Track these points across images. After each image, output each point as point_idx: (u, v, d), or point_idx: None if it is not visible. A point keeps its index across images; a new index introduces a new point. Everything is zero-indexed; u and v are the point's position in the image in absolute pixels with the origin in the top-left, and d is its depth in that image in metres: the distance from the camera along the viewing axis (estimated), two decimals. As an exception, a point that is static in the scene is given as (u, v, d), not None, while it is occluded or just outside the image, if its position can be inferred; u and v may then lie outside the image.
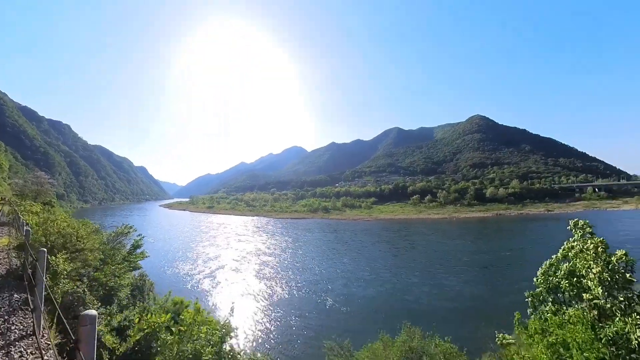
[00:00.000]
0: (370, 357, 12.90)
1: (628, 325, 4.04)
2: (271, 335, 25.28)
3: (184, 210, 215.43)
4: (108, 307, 14.26)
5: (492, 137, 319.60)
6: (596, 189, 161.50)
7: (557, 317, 4.84)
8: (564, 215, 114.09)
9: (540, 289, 6.26)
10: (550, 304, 5.88)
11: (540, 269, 6.40)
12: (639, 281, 5.01)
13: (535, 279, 6.65)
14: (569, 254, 6.16)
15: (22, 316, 4.72)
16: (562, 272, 5.90)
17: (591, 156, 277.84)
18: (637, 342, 3.79)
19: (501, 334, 18.48)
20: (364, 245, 68.99)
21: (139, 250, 22.39)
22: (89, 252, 15.56)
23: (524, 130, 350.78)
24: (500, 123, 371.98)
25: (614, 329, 4.00)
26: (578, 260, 5.71)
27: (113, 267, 17.10)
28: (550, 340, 4.21)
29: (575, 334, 4.01)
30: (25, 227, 10.17)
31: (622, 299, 4.87)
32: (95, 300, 13.34)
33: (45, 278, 3.12)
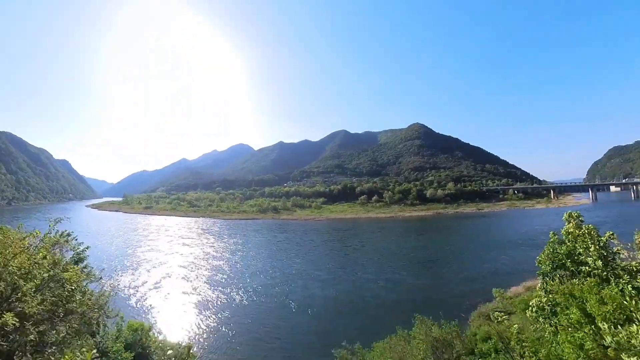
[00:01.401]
0: (390, 355, 13.31)
1: (621, 284, 5.39)
2: (237, 347, 23.99)
3: (116, 211, 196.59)
4: (49, 348, 11.33)
5: (430, 144, 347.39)
6: (515, 191, 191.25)
7: (569, 285, 6.03)
8: (492, 213, 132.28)
9: (544, 266, 7.48)
10: (557, 278, 7.10)
11: (542, 252, 7.66)
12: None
13: (537, 260, 7.89)
14: (566, 238, 7.42)
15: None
16: (562, 252, 7.16)
17: (511, 164, 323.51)
18: (629, 294, 5.03)
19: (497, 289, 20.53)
20: (317, 245, 69.80)
21: (81, 265, 19.20)
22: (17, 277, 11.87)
23: (457, 139, 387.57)
24: (436, 131, 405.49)
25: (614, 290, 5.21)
26: (577, 242, 6.98)
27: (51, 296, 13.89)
28: (576, 295, 5.46)
29: (590, 293, 5.20)
30: None
31: (614, 267, 6.40)
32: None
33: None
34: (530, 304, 7.17)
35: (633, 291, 4.93)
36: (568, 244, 7.16)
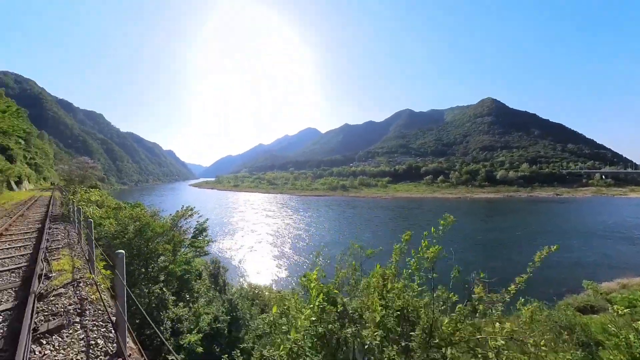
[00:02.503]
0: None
1: None
2: None
3: (212, 188, 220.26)
4: (192, 305, 13.70)
5: (502, 121, 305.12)
6: (603, 176, 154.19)
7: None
8: (572, 199, 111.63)
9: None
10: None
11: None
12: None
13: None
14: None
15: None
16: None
17: (599, 143, 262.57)
18: None
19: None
20: (384, 221, 69.02)
21: (203, 234, 22.35)
22: (160, 245, 14.37)
23: (534, 114, 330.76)
24: (511, 107, 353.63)
25: None
26: None
27: (182, 255, 15.84)
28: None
29: None
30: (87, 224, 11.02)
31: None
32: (171, 298, 12.46)
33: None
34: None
35: None
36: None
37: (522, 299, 4.24)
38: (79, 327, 3.85)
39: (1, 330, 3.81)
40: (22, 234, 10.70)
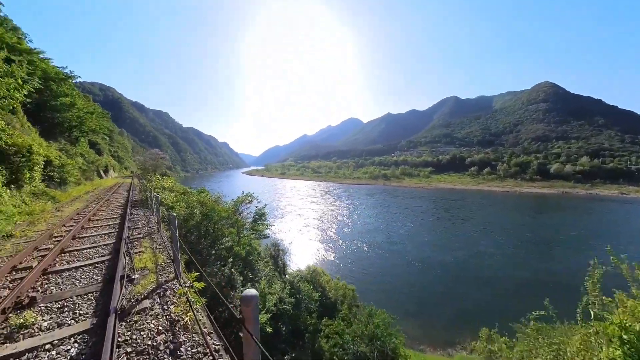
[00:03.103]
0: None
1: None
2: (377, 293, 24.05)
3: (261, 176, 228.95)
4: (257, 285, 14.77)
5: (560, 108, 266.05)
6: None
7: None
8: None
9: None
10: None
11: None
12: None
13: None
14: None
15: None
16: None
17: None
18: None
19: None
20: (425, 211, 65.39)
21: (260, 219, 23.51)
22: (225, 228, 14.97)
23: (599, 100, 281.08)
24: (571, 92, 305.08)
25: None
26: None
27: (245, 238, 15.76)
28: None
29: None
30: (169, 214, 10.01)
31: None
32: (239, 278, 12.13)
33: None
34: None
35: None
36: None
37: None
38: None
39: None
40: (107, 219, 11.06)
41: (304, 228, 47.30)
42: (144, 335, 3.30)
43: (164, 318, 3.69)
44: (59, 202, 17.04)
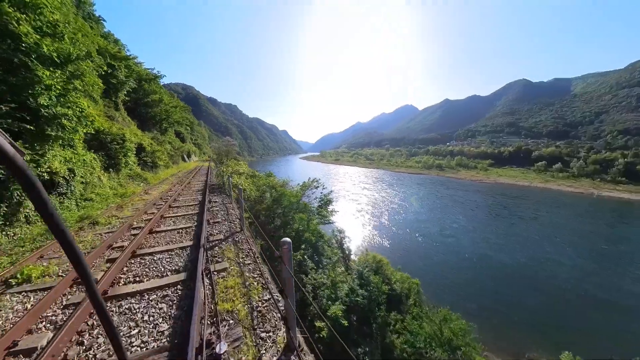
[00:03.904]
0: None
1: None
2: (439, 288, 21.16)
3: (317, 161, 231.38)
4: (327, 272, 11.97)
5: None
6: None
7: None
8: None
9: None
10: None
11: None
12: None
13: None
14: None
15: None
16: None
17: None
18: None
19: None
20: (480, 206, 56.07)
21: (326, 206, 21.90)
22: (295, 214, 14.16)
23: None
24: None
25: None
26: None
27: (313, 225, 14.76)
28: None
29: None
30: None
31: None
32: (310, 264, 11.50)
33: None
34: None
35: None
36: None
37: None
38: None
39: None
40: (186, 206, 9.81)
41: (357, 213, 44.93)
42: None
43: None
44: (149, 184, 17.16)
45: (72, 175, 9.65)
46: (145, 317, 3.17)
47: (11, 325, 3.09)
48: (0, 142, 0.51)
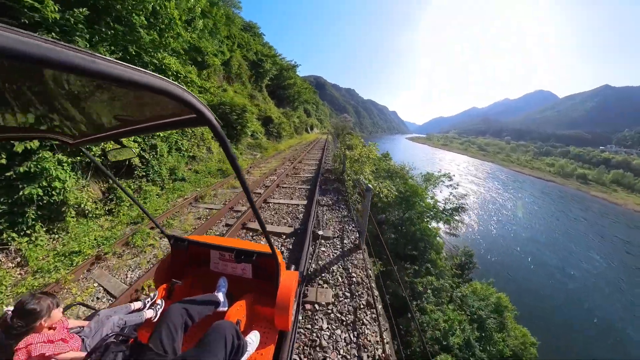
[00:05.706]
0: None
1: None
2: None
3: (422, 144, 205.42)
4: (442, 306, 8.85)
5: None
6: None
7: None
8: None
9: None
10: None
11: None
12: None
13: None
14: None
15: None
16: None
17: None
18: None
19: None
20: (634, 247, 30.54)
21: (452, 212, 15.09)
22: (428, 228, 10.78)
23: None
24: None
25: None
26: None
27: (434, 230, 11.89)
28: None
29: None
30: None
31: None
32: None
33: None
34: None
35: None
36: None
37: None
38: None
39: None
40: (286, 204, 5.99)
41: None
42: None
43: None
44: (263, 156, 15.22)
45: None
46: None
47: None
48: (207, 114, 0.58)
